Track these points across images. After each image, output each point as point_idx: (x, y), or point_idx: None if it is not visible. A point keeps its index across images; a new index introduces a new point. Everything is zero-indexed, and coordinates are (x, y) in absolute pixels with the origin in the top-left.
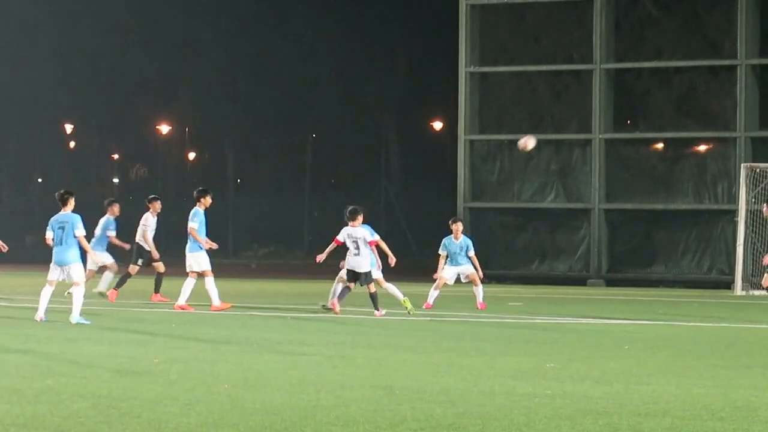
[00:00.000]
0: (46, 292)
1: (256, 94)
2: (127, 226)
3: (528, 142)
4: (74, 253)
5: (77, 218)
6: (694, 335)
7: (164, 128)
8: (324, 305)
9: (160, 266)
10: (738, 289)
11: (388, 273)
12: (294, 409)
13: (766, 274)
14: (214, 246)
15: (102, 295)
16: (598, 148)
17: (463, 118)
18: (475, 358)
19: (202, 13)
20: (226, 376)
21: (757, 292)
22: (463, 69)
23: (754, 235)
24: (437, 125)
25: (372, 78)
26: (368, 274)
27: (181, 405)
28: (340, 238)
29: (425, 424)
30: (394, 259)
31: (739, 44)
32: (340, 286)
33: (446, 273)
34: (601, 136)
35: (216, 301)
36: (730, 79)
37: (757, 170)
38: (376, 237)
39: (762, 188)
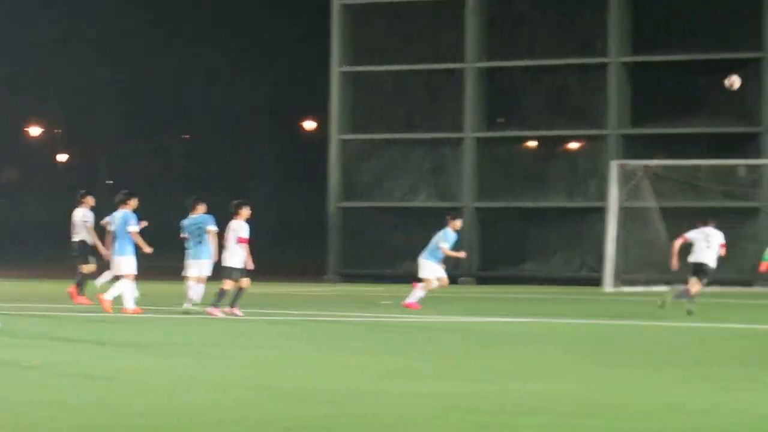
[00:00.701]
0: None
1: (128, 95)
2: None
3: (735, 82)
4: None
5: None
6: (566, 332)
7: (34, 130)
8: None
9: (92, 267)
10: (608, 285)
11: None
12: (167, 410)
13: (692, 279)
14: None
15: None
16: (470, 146)
17: (335, 118)
18: (349, 358)
19: (73, 14)
20: (100, 378)
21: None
22: (336, 68)
23: (624, 232)
24: (311, 125)
25: (245, 78)
26: (229, 269)
27: (52, 408)
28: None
29: (296, 423)
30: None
31: (609, 43)
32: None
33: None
34: (473, 134)
35: (129, 305)
36: (601, 78)
37: (628, 167)
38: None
39: (633, 185)
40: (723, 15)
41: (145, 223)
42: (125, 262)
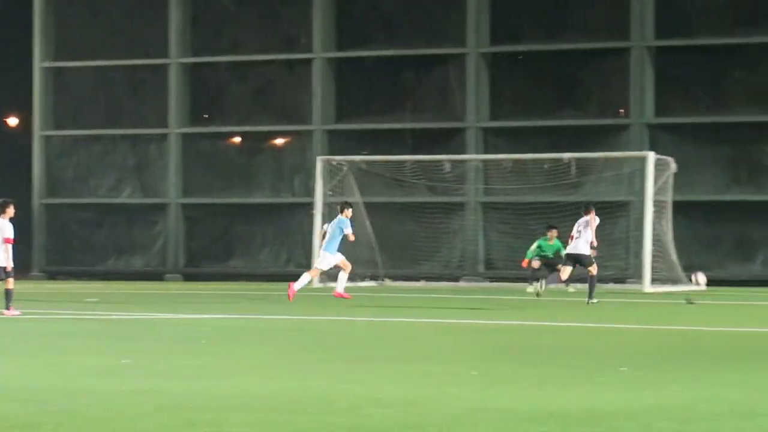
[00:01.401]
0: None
1: None
2: None
3: (700, 279)
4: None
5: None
6: (273, 328)
7: None
8: None
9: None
10: (315, 281)
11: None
12: None
13: (564, 267)
14: None
15: None
16: (174, 142)
17: (38, 114)
18: (58, 356)
19: None
20: None
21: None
22: (38, 64)
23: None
24: (13, 121)
25: None
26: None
27: None
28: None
29: (2, 424)
30: None
31: (314, 38)
32: None
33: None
34: (177, 130)
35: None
36: (305, 73)
37: (333, 163)
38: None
39: (338, 181)
40: (427, 10)
41: None
42: None
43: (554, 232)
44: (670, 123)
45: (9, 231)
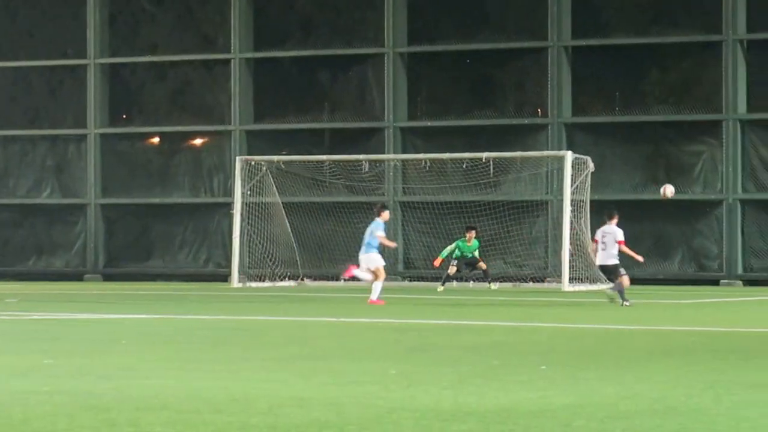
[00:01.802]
0: None
1: None
2: None
3: (667, 191)
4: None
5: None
6: (191, 328)
7: None
8: None
9: None
10: (235, 281)
11: None
12: None
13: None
14: None
15: None
16: (94, 143)
17: None
18: None
19: None
20: None
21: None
22: None
23: (249, 227)
24: None
25: None
26: None
27: None
28: None
29: None
30: None
31: (232, 38)
32: None
33: None
34: (96, 131)
35: None
36: (224, 73)
37: (252, 162)
38: None
39: (257, 181)
40: (344, 11)
41: None
42: None
43: (472, 233)
44: (587, 122)
45: None
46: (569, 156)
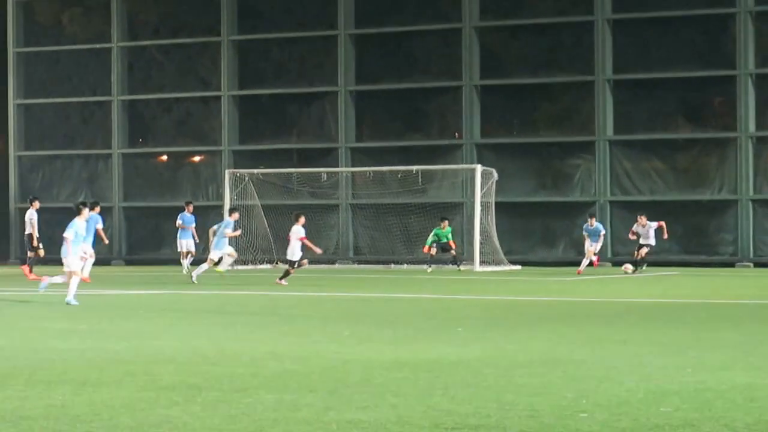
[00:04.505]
0: None
1: None
2: None
3: (628, 269)
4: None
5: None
6: (193, 301)
7: None
8: None
9: None
10: (224, 265)
11: None
12: None
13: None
14: None
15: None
16: (117, 160)
17: (12, 139)
18: (26, 322)
19: None
20: None
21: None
22: (12, 101)
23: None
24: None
25: None
26: None
27: None
28: None
29: None
30: None
31: (222, 80)
32: None
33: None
34: (119, 151)
35: None
36: (216, 107)
37: (238, 174)
38: None
39: (241, 188)
40: (307, 58)
41: None
42: None
43: (446, 223)
44: (493, 143)
45: None
46: (479, 168)
